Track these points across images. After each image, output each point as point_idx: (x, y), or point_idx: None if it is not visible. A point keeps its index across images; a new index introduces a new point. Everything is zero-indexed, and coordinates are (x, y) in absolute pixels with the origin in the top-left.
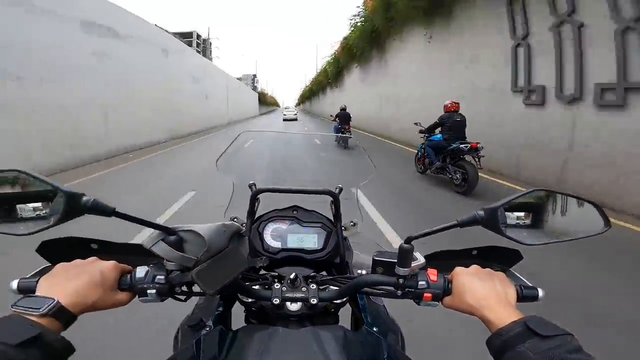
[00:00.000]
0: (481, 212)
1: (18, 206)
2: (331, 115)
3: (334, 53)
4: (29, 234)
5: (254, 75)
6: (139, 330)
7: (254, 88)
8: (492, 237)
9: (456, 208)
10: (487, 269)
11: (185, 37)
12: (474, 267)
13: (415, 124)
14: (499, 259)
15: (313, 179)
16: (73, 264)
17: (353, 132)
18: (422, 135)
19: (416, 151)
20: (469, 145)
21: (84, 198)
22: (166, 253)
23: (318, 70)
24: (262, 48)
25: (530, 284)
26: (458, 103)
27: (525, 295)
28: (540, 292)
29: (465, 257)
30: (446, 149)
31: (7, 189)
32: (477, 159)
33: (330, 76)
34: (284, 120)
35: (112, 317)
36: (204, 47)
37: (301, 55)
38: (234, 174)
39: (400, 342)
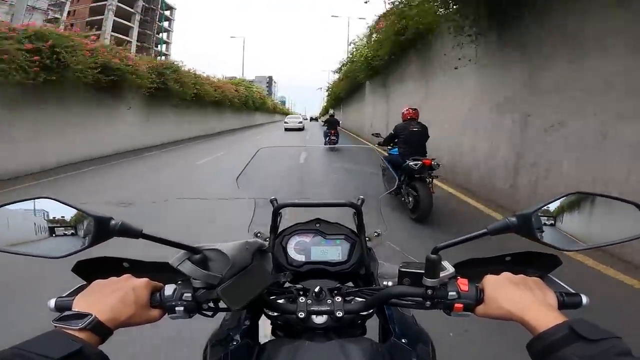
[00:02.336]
0: (513, 219)
1: (51, 231)
2: (322, 122)
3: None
4: (63, 256)
5: (270, 78)
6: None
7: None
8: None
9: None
10: (520, 275)
11: None
12: (505, 274)
13: (374, 135)
14: (535, 265)
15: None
16: (108, 281)
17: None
18: (384, 148)
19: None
20: (420, 162)
21: (112, 222)
22: (192, 272)
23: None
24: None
25: (573, 290)
26: (416, 109)
27: (566, 302)
28: (585, 299)
29: (498, 264)
30: (401, 166)
31: (40, 215)
32: (429, 180)
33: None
34: (286, 130)
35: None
36: (145, 8)
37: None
38: (255, 190)
39: (431, 353)
